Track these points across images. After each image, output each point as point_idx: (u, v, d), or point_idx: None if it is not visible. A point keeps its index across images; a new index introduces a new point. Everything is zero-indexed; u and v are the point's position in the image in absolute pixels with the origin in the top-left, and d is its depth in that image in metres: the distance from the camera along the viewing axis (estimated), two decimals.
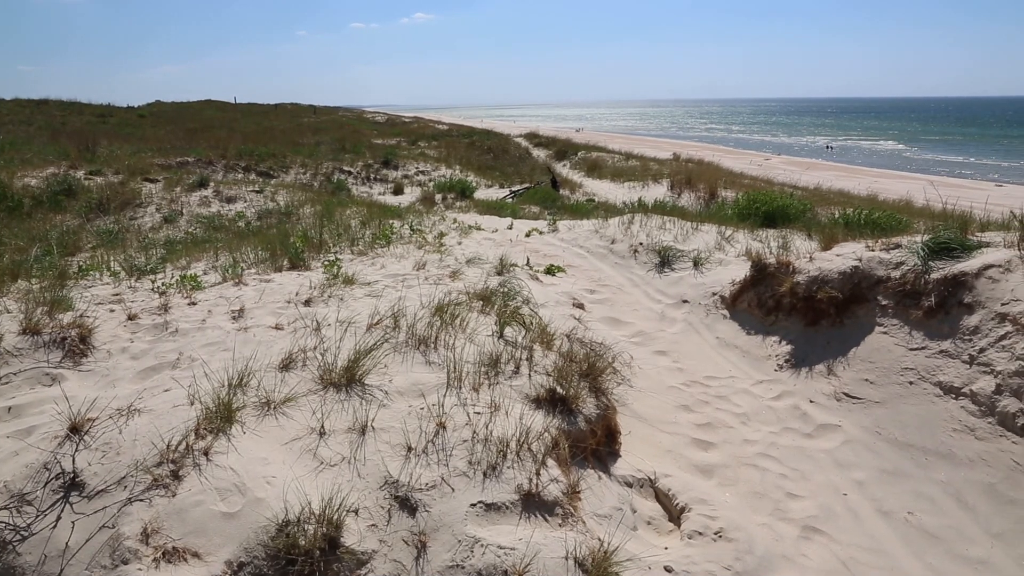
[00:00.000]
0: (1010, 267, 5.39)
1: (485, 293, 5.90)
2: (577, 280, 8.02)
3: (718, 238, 9.04)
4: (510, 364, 4.46)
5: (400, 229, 9.63)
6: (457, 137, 40.16)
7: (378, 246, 8.31)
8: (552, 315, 5.96)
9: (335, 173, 23.05)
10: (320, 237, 8.64)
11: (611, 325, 6.85)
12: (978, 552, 3.90)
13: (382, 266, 7.15)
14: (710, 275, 7.92)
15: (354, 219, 10.70)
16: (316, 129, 38.45)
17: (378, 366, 4.24)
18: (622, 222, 10.22)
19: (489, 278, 6.68)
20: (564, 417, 4.11)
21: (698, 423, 5.18)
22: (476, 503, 3.20)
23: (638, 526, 3.86)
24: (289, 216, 12.90)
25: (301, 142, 30.25)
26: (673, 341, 6.72)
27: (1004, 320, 5.07)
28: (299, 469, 3.28)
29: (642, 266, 8.72)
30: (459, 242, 9.13)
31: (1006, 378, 4.77)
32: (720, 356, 6.46)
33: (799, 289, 6.45)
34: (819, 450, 4.93)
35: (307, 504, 2.98)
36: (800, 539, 3.98)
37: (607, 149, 36.33)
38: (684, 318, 7.26)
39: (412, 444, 3.51)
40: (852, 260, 6.36)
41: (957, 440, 4.71)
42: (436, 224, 10.76)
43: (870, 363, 5.63)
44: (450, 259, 7.62)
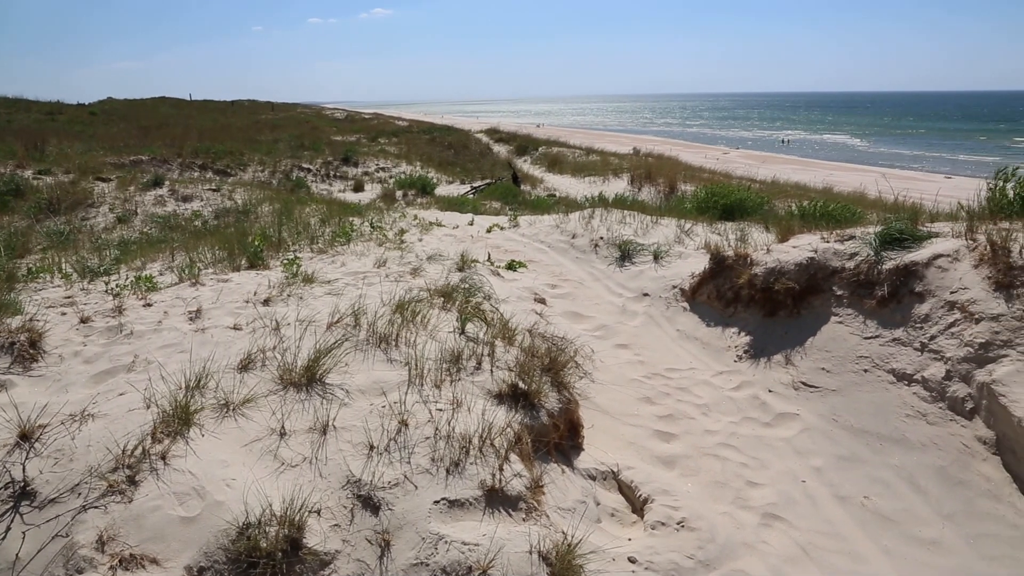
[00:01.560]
0: (958, 256, 5.53)
1: (446, 289, 5.89)
2: (538, 275, 8.03)
3: (678, 231, 9.13)
4: (472, 360, 4.46)
5: (360, 226, 9.54)
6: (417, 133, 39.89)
7: (338, 244, 8.23)
8: (514, 310, 5.97)
9: (294, 171, 22.75)
10: (279, 236, 8.53)
11: (573, 319, 6.88)
12: (931, 533, 4.00)
13: (342, 264, 7.09)
14: (670, 268, 8.00)
15: (314, 217, 10.58)
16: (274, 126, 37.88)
17: (339, 365, 4.20)
18: (583, 217, 10.26)
19: (450, 274, 6.66)
20: (526, 412, 4.11)
21: (660, 415, 5.23)
22: (439, 500, 3.19)
23: (602, 518, 3.89)
24: (247, 215, 12.71)
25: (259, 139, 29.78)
26: (634, 334, 6.77)
27: (953, 308, 5.21)
28: (260, 471, 3.24)
29: (603, 260, 8.77)
30: (420, 239, 9.08)
31: (955, 364, 4.90)
32: (681, 348, 6.53)
33: (757, 281, 6.54)
34: (778, 438, 5.01)
35: (268, 506, 2.94)
36: (760, 526, 4.05)
37: (568, 144, 36.40)
38: (645, 311, 7.32)
39: (374, 442, 3.49)
40: (808, 252, 6.47)
41: (910, 425, 4.83)
42: (397, 221, 10.69)
43: (826, 352, 5.74)
44: (411, 256, 7.58)
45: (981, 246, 5.46)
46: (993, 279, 5.14)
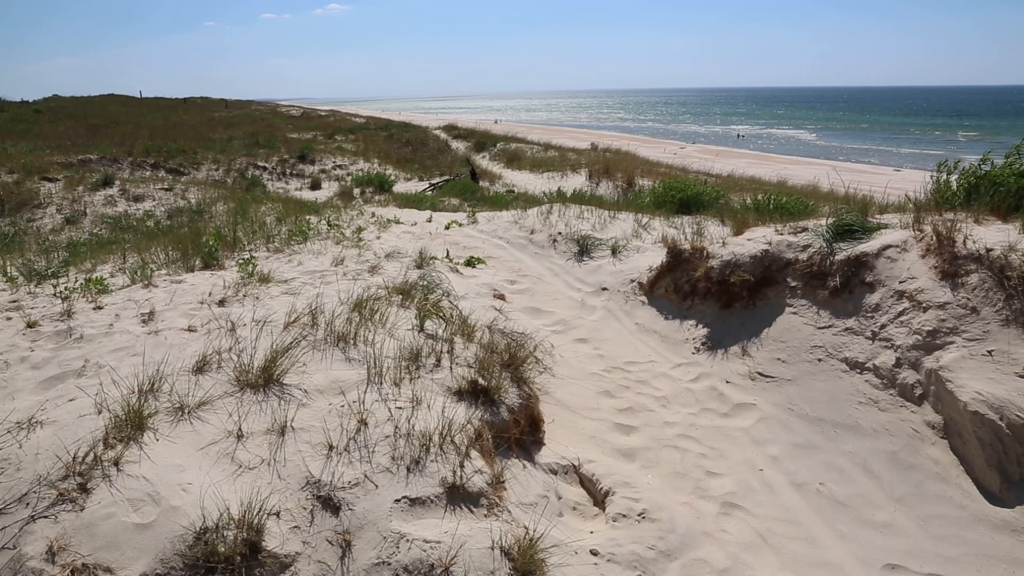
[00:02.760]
0: (906, 247, 5.67)
1: (405, 287, 5.86)
2: (497, 271, 8.04)
3: (635, 226, 9.21)
4: (431, 357, 4.45)
5: (317, 225, 9.44)
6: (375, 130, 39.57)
7: (295, 243, 8.13)
8: (473, 307, 5.96)
9: (249, 169, 22.42)
10: (234, 235, 8.40)
11: (532, 315, 6.89)
12: (883, 516, 4.11)
13: (299, 263, 7.01)
14: (628, 262, 8.06)
15: (269, 216, 10.43)
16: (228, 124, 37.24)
17: (296, 365, 4.15)
18: (541, 212, 10.29)
19: (409, 272, 6.63)
20: (487, 408, 4.12)
21: (620, 408, 5.28)
22: (400, 498, 3.18)
23: (564, 512, 3.91)
24: (201, 214, 12.49)
25: (213, 137, 29.27)
26: (593, 328, 6.81)
27: (902, 297, 5.34)
28: (216, 474, 3.19)
29: (561, 255, 8.81)
30: (378, 236, 9.02)
31: (905, 352, 5.03)
32: (639, 341, 6.59)
33: (713, 273, 6.63)
34: (736, 428, 5.09)
35: (226, 510, 2.90)
36: (720, 515, 4.11)
37: (526, 140, 36.43)
38: (604, 305, 7.37)
39: (333, 442, 3.46)
40: (762, 244, 6.58)
41: (862, 412, 4.95)
42: (354, 219, 10.59)
43: (781, 343, 5.84)
44: (369, 254, 7.52)
45: (928, 237, 5.60)
46: (939, 268, 5.29)
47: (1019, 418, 4.13)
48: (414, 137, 36.72)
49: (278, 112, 54.92)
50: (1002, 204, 5.90)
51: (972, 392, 4.37)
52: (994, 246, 5.10)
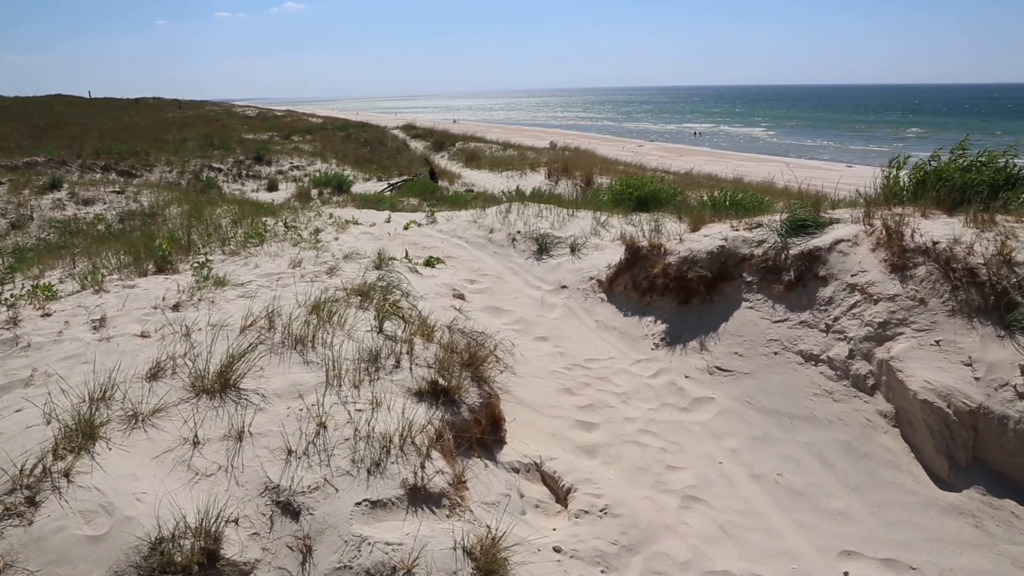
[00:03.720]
0: (857, 241, 5.80)
1: (363, 288, 5.81)
2: (457, 271, 8.03)
3: (594, 224, 9.26)
4: (390, 358, 4.42)
5: (274, 226, 9.30)
6: (332, 130, 39.14)
7: (251, 245, 8.00)
8: (432, 307, 5.94)
9: (204, 170, 22.04)
10: (189, 238, 8.24)
11: (492, 314, 6.90)
12: (838, 505, 4.20)
13: (256, 265, 6.90)
14: (587, 260, 8.11)
15: (225, 218, 10.25)
16: (182, 124, 36.53)
17: (253, 369, 4.09)
18: (500, 211, 10.29)
19: (367, 273, 6.57)
20: (447, 408, 4.11)
21: (580, 405, 5.31)
22: (361, 501, 3.15)
23: (526, 510, 3.93)
24: (154, 217, 12.25)
25: (166, 138, 28.68)
26: (553, 326, 6.84)
27: (854, 290, 5.46)
28: (172, 482, 3.12)
29: (521, 254, 8.82)
30: (336, 237, 8.93)
31: (857, 343, 5.14)
32: (599, 338, 6.63)
33: (671, 270, 6.70)
34: (695, 422, 5.15)
35: (182, 518, 2.84)
36: (681, 508, 4.16)
37: (485, 139, 36.39)
38: (563, 303, 7.40)
39: (292, 447, 3.42)
40: (719, 240, 6.67)
41: (817, 403, 5.05)
42: (312, 220, 10.47)
43: (739, 337, 5.93)
44: (327, 255, 7.44)
45: (878, 231, 5.73)
46: (889, 261, 5.42)
47: (965, 405, 4.25)
48: (372, 137, 36.43)
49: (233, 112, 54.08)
50: (947, 198, 6.06)
51: (921, 381, 4.49)
52: (940, 239, 5.24)
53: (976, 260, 4.95)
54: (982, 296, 4.79)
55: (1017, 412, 4.14)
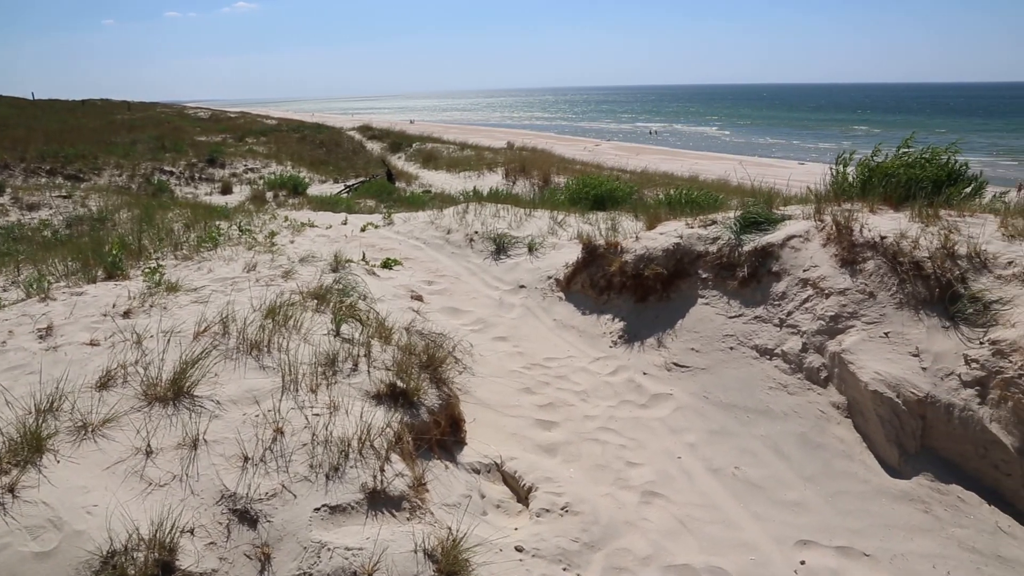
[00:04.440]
0: (809, 237, 5.92)
1: (320, 291, 5.75)
2: (415, 272, 7.99)
3: (551, 223, 9.29)
4: (348, 362, 4.38)
5: (228, 230, 9.16)
6: (287, 132, 38.65)
7: (204, 249, 7.87)
8: (390, 309, 5.90)
9: (155, 174, 21.60)
10: (140, 243, 8.07)
11: (450, 315, 6.88)
12: (794, 495, 4.28)
13: (209, 270, 6.78)
14: (545, 259, 8.13)
15: (177, 222, 10.06)
16: (132, 127, 35.65)
17: (208, 375, 4.02)
18: (457, 212, 10.27)
19: (324, 276, 6.50)
20: (406, 410, 4.09)
21: (540, 404, 5.32)
22: (320, 507, 3.13)
23: (488, 511, 3.93)
24: (104, 222, 11.94)
25: (115, 141, 27.97)
26: (512, 326, 6.85)
27: (806, 285, 5.57)
28: (125, 494, 3.05)
29: (478, 254, 8.82)
30: (292, 240, 8.82)
31: (810, 337, 5.24)
32: (558, 337, 6.66)
33: (628, 268, 6.76)
34: (654, 419, 5.21)
35: (135, 530, 2.79)
36: (641, 504, 4.20)
37: (442, 140, 36.33)
38: (522, 303, 7.42)
39: (249, 454, 3.37)
40: (674, 237, 6.74)
41: (773, 397, 5.14)
42: (267, 223, 10.33)
43: (695, 333, 6.00)
44: (282, 259, 7.34)
45: (828, 226, 5.86)
46: (839, 256, 5.54)
47: (914, 395, 4.37)
48: (328, 138, 36.09)
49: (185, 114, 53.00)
50: (894, 194, 6.21)
51: (872, 372, 4.60)
52: (887, 234, 5.38)
53: (922, 254, 5.08)
54: (928, 288, 4.93)
55: (962, 400, 4.27)
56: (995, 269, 4.81)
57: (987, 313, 4.60)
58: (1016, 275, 4.67)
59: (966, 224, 5.36)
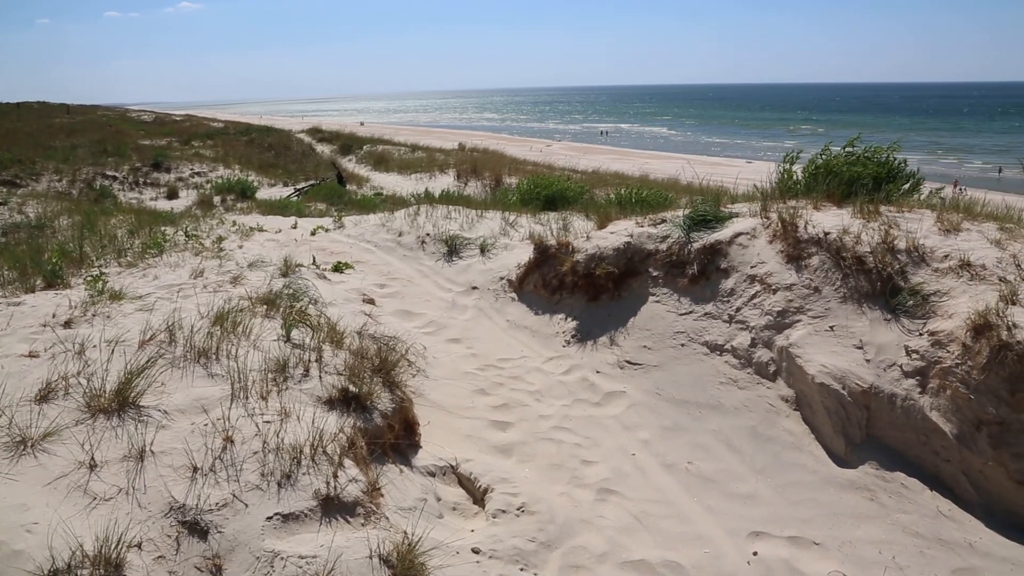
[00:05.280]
0: (755, 234, 6.03)
1: (269, 297, 5.66)
2: (366, 275, 7.92)
3: (503, 224, 9.30)
4: (299, 367, 4.32)
5: (174, 236, 8.97)
6: (235, 135, 37.96)
7: (150, 256, 7.69)
8: (341, 313, 5.84)
9: (97, 179, 21.03)
10: (81, 251, 7.84)
11: (403, 318, 6.84)
12: (746, 488, 4.36)
13: (155, 277, 6.63)
14: (497, 260, 8.14)
15: (121, 228, 9.81)
16: (71, 130, 34.61)
17: (154, 385, 3.92)
18: (408, 214, 10.21)
19: (273, 281, 6.40)
20: (359, 415, 4.05)
21: (495, 405, 5.32)
22: (272, 516, 3.07)
23: (444, 513, 3.92)
24: (42, 229, 11.55)
25: (54, 145, 27.11)
26: (465, 328, 6.84)
27: (754, 281, 5.67)
28: (67, 510, 2.96)
29: (430, 256, 8.78)
30: (240, 245, 8.67)
31: (758, 332, 5.35)
32: (511, 338, 6.67)
33: (579, 267, 6.80)
34: (608, 416, 5.25)
35: (79, 547, 2.70)
36: (597, 502, 4.23)
37: (393, 142, 36.08)
38: (475, 304, 7.41)
39: (198, 464, 3.29)
40: (625, 236, 6.81)
41: (724, 392, 5.22)
42: (215, 228, 10.14)
43: (647, 331, 6.07)
44: (231, 264, 7.21)
45: (774, 224, 5.98)
46: (785, 252, 5.66)
47: (858, 386, 4.49)
48: (277, 141, 35.55)
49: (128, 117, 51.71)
50: (837, 191, 6.38)
51: (818, 365, 4.71)
52: (831, 230, 5.51)
53: (863, 249, 5.23)
54: (870, 282, 5.07)
55: (904, 390, 4.40)
56: (932, 262, 4.97)
57: (926, 305, 4.75)
58: (952, 268, 4.84)
59: (905, 220, 5.54)
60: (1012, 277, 4.55)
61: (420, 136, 48.01)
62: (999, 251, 4.88)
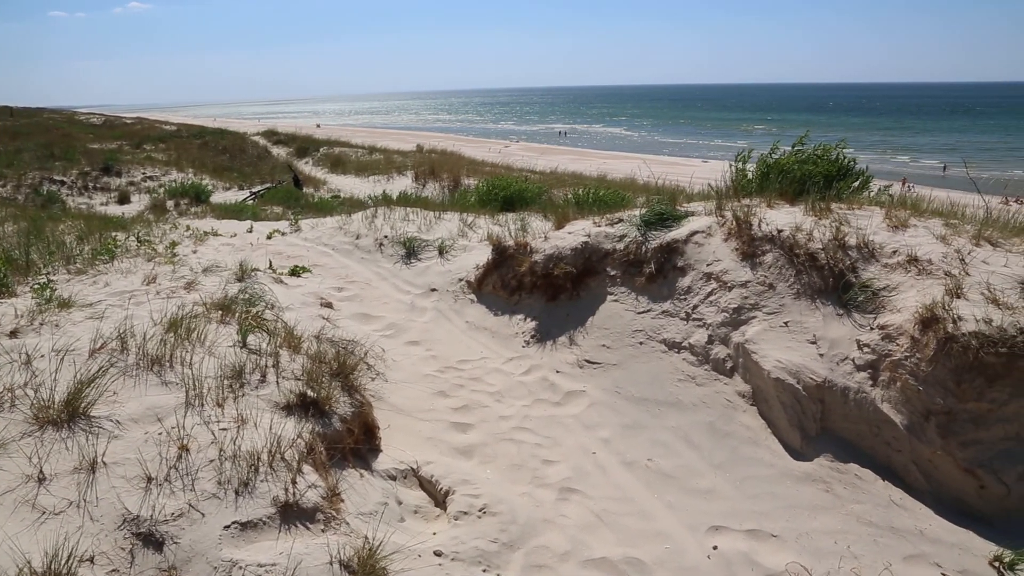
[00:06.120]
0: (711, 232, 6.11)
1: (224, 302, 5.56)
2: (324, 279, 7.84)
3: (461, 225, 9.28)
4: (255, 373, 4.26)
5: (126, 241, 8.76)
6: (188, 138, 37.25)
7: (100, 262, 7.50)
8: (299, 317, 5.78)
9: (44, 184, 20.48)
10: (27, 258, 7.62)
11: (361, 321, 6.79)
12: (705, 483, 4.41)
13: (106, 284, 6.47)
14: (455, 262, 8.12)
15: (70, 234, 9.56)
16: (15, 134, 33.57)
17: (105, 394, 3.83)
18: (366, 216, 10.14)
19: (229, 286, 6.30)
20: (318, 420, 4.01)
21: (455, 407, 5.31)
22: (230, 524, 3.03)
23: (405, 517, 3.90)
24: None
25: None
26: (425, 330, 6.81)
27: (710, 279, 5.75)
28: (14, 526, 2.87)
29: (389, 259, 8.73)
30: (194, 250, 8.52)
31: (715, 329, 5.42)
32: (471, 339, 6.66)
33: (537, 268, 6.82)
34: (568, 416, 5.27)
35: (27, 563, 2.62)
36: (558, 501, 4.24)
37: (350, 144, 35.80)
38: (434, 306, 7.38)
39: (152, 474, 3.23)
40: (582, 236, 6.84)
41: (682, 389, 5.28)
42: (168, 233, 9.94)
43: (605, 330, 6.11)
44: (184, 269, 7.08)
45: (729, 222, 6.07)
46: (740, 250, 5.74)
47: (812, 380, 4.58)
48: (231, 144, 34.98)
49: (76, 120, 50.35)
50: (789, 189, 6.50)
51: (773, 361, 4.79)
52: (784, 227, 5.61)
53: (816, 246, 5.33)
54: (822, 278, 5.17)
55: (856, 383, 4.50)
56: (882, 258, 5.09)
57: (876, 300, 4.86)
58: (900, 263, 4.96)
59: (855, 217, 5.66)
60: (957, 271, 4.68)
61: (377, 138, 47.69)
62: (944, 246, 5.02)
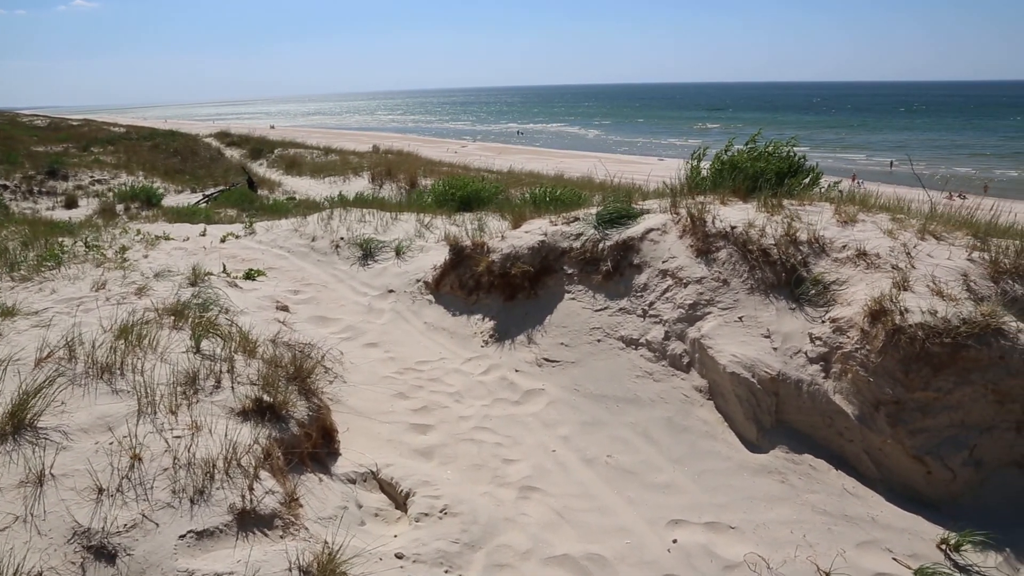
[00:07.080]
0: (666, 229, 6.18)
1: (177, 307, 5.46)
2: (280, 282, 7.75)
3: (418, 226, 9.24)
4: (210, 379, 4.18)
5: (73, 247, 8.54)
6: (138, 140, 36.45)
7: (46, 269, 7.30)
8: (254, 321, 5.69)
9: None
10: None
11: (318, 324, 6.73)
12: (664, 478, 4.46)
13: (52, 291, 6.30)
14: (413, 263, 8.09)
15: (13, 240, 9.28)
16: None
17: (53, 404, 3.72)
18: (322, 218, 10.04)
19: (181, 290, 6.18)
20: (275, 425, 3.95)
21: (414, 408, 5.29)
22: (186, 533, 2.97)
23: (365, 520, 3.87)
24: None
25: None
26: (383, 331, 6.77)
27: (666, 275, 5.81)
28: None
29: (345, 261, 8.66)
30: (146, 255, 8.34)
31: (671, 325, 5.48)
32: (429, 340, 6.64)
33: (495, 267, 6.82)
34: (528, 414, 5.28)
35: None
36: (519, 500, 4.25)
37: (305, 145, 35.42)
38: (391, 308, 7.34)
39: (103, 485, 3.15)
40: (539, 235, 6.87)
41: (640, 385, 5.33)
42: (117, 237, 9.72)
43: (563, 328, 6.14)
44: (135, 274, 6.93)
45: (683, 219, 6.14)
46: (695, 247, 5.82)
47: (767, 373, 4.66)
48: (183, 146, 34.31)
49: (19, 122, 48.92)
50: (742, 186, 6.60)
51: (729, 355, 4.86)
52: (737, 224, 5.70)
53: (768, 241, 5.43)
54: (775, 273, 5.27)
55: (809, 375, 4.60)
56: (832, 252, 5.20)
57: (827, 293, 4.97)
58: (850, 258, 5.08)
59: (806, 212, 5.77)
60: (903, 264, 4.80)
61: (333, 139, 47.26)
62: (891, 240, 5.15)
